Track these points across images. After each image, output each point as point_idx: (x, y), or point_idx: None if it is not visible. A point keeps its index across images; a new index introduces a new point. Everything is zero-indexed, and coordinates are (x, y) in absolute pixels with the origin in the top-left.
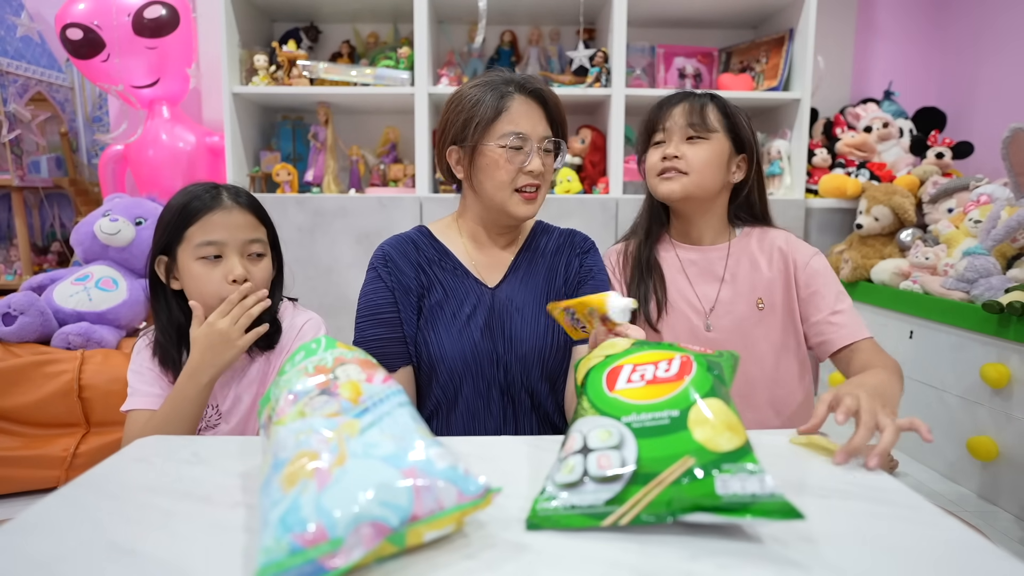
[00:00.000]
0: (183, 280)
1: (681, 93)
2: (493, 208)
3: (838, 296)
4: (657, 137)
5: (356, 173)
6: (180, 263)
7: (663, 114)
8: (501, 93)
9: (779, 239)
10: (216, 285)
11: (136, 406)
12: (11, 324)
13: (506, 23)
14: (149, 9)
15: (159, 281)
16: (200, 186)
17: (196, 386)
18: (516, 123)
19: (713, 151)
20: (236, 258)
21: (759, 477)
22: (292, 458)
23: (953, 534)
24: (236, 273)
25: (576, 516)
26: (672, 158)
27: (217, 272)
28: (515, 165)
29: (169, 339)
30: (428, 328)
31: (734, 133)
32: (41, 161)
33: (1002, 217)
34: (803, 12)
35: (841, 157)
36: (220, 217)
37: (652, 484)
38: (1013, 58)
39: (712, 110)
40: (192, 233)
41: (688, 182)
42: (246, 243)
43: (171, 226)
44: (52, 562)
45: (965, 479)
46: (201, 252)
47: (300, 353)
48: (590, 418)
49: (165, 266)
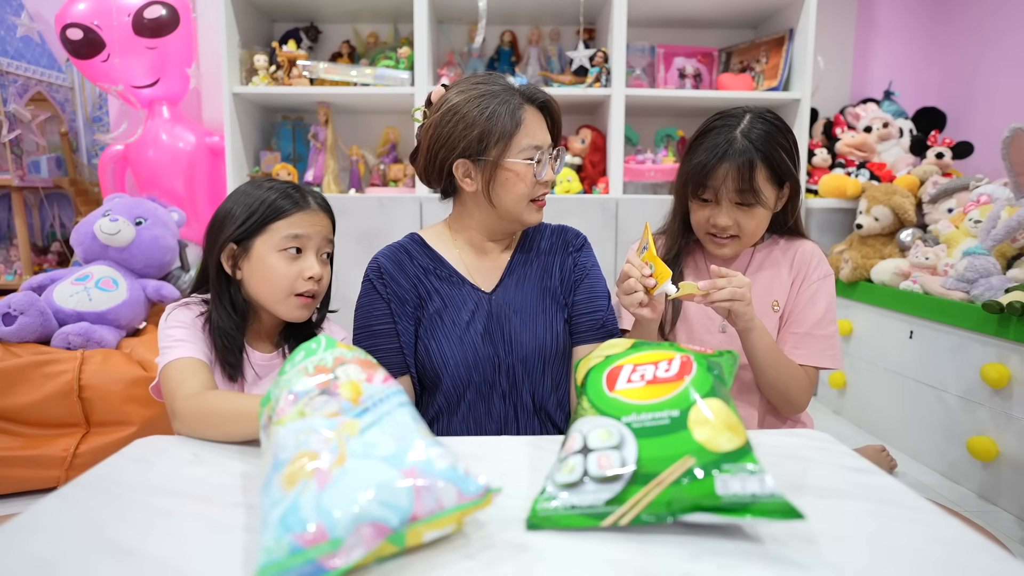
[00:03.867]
0: (253, 269)
1: (726, 146)
2: (507, 218)
3: (822, 321)
4: (705, 194)
5: (356, 173)
6: (255, 253)
7: (709, 173)
8: (513, 106)
9: (804, 249)
10: (291, 279)
11: (190, 354)
12: (11, 324)
13: (506, 23)
14: (149, 9)
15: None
16: (280, 183)
17: None
18: (533, 136)
19: (764, 214)
20: (314, 257)
21: (759, 477)
22: (292, 458)
23: (953, 534)
24: (314, 271)
25: (576, 516)
26: (725, 227)
27: (295, 267)
28: (535, 178)
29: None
30: (429, 337)
31: (779, 178)
32: (41, 161)
33: (1002, 217)
34: (803, 12)
35: (841, 157)
36: (309, 216)
37: (652, 484)
38: (1013, 58)
39: (760, 170)
40: (279, 226)
41: (740, 245)
42: (323, 244)
43: (256, 217)
44: (52, 562)
45: (965, 479)
46: (285, 244)
47: (300, 353)
48: (590, 418)
49: (232, 253)
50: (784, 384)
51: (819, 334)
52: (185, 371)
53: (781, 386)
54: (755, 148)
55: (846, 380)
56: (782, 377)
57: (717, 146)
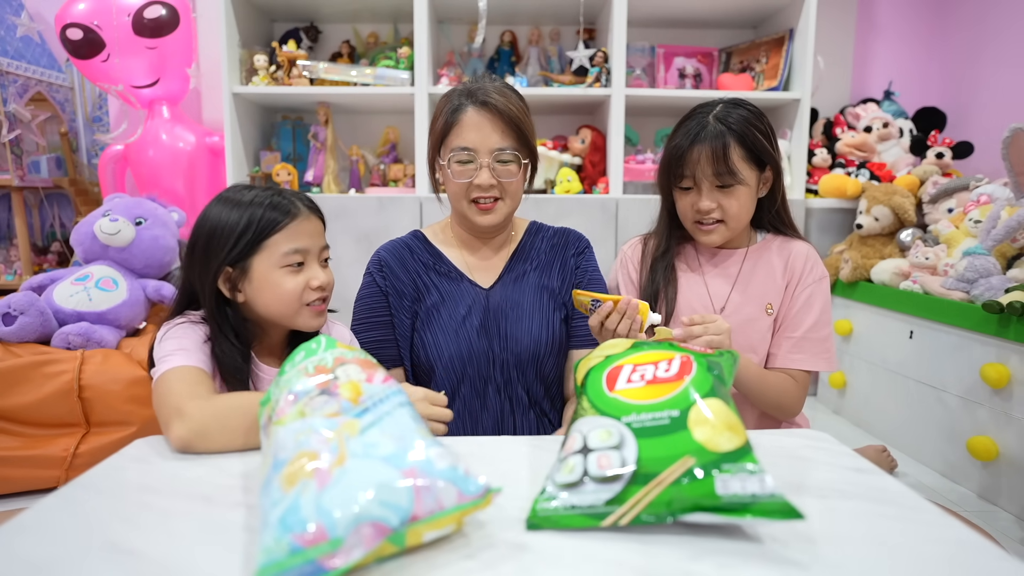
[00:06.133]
0: (258, 290)
1: (699, 128)
2: (458, 215)
3: (817, 324)
4: (684, 183)
5: (356, 173)
6: (255, 273)
7: (686, 160)
8: (455, 106)
9: (799, 251)
10: (299, 292)
11: (186, 362)
12: (11, 324)
13: (506, 23)
14: (149, 9)
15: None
16: (259, 189)
17: None
18: (464, 137)
19: (746, 194)
20: (317, 265)
21: (759, 477)
22: (292, 458)
23: (953, 534)
24: (321, 280)
25: (576, 516)
26: (707, 211)
27: (301, 279)
28: (465, 179)
29: (240, 354)
30: (425, 330)
31: (758, 159)
32: (41, 161)
33: (1002, 217)
34: (803, 12)
35: (841, 157)
36: (303, 225)
37: (652, 484)
38: (1013, 58)
39: (735, 150)
40: (276, 241)
41: (727, 229)
42: (322, 249)
43: (250, 236)
44: (51, 562)
45: (965, 479)
46: (288, 260)
47: (300, 353)
48: (590, 418)
49: (229, 278)
50: (775, 401)
51: (814, 337)
52: (190, 377)
53: (772, 403)
54: (729, 129)
55: (846, 380)
56: (770, 396)
57: (690, 130)
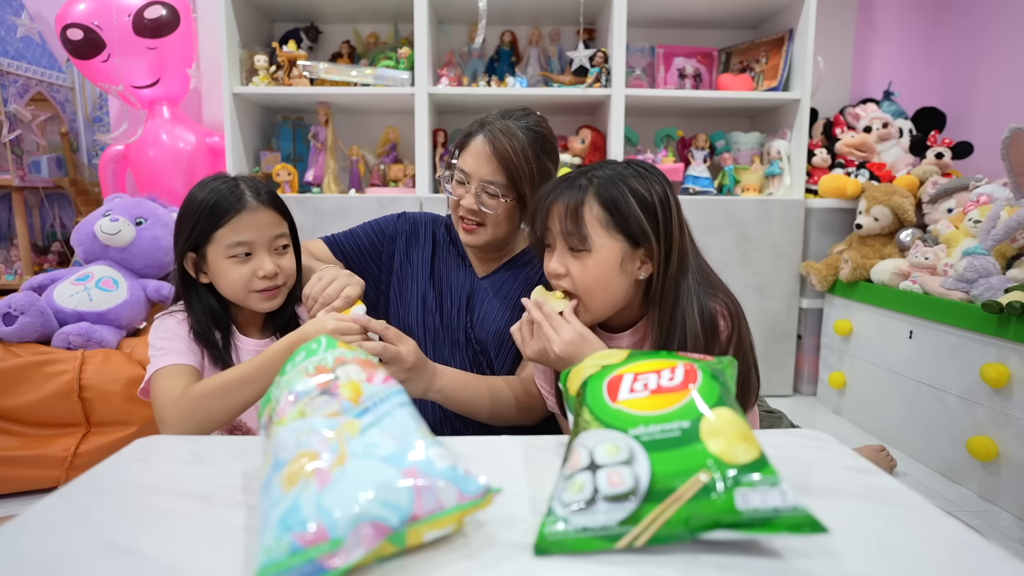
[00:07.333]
0: (213, 275)
1: (559, 180)
2: None
3: None
4: (547, 238)
5: (356, 173)
6: (210, 261)
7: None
8: (473, 129)
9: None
10: (246, 280)
11: (175, 361)
12: (11, 324)
13: (506, 23)
14: (149, 9)
15: (187, 274)
16: (221, 182)
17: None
18: (466, 160)
19: (597, 265)
20: (265, 255)
21: (780, 490)
22: (292, 458)
23: (953, 534)
24: (266, 270)
25: (588, 539)
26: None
27: (247, 269)
28: (455, 196)
29: (206, 328)
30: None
31: (624, 230)
32: (41, 161)
33: (1002, 217)
34: (803, 12)
35: (841, 157)
36: (247, 218)
37: (669, 501)
38: (1013, 58)
39: (591, 209)
40: (221, 235)
41: (583, 308)
42: (272, 239)
43: (199, 227)
44: (52, 562)
45: (965, 479)
46: (231, 252)
47: (301, 353)
48: (594, 431)
49: (194, 262)
50: None
51: None
52: (171, 377)
53: None
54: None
55: (846, 380)
56: None
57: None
